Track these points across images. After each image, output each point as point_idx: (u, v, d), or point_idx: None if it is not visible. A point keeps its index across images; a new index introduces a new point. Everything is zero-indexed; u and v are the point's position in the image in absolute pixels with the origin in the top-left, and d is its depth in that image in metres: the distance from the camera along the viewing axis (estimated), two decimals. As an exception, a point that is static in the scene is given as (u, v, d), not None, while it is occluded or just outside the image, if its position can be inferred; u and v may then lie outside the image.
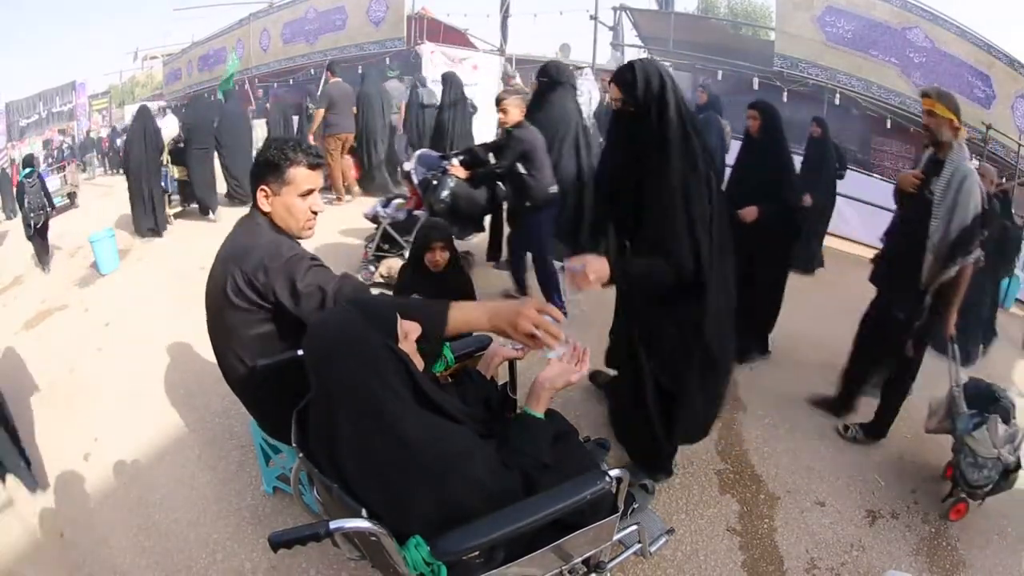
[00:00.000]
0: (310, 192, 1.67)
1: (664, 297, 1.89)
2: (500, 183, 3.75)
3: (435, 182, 3.62)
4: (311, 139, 6.02)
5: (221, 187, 6.53)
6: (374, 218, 4.10)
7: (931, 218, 2.36)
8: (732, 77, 8.41)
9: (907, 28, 6.82)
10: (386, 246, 4.05)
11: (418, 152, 4.28)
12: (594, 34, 8.12)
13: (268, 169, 1.63)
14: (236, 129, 6.48)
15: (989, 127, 6.46)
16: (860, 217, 6.67)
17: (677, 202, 1.76)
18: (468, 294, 2.59)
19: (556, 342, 1.31)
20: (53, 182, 8.56)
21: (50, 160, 12.58)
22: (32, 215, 5.54)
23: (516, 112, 3.33)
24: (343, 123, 6.08)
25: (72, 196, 8.53)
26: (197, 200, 6.02)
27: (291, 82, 12.01)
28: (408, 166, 4.06)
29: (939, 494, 2.40)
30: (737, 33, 11.03)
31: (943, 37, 6.72)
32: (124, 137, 6.76)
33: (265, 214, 1.67)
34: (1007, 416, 2.36)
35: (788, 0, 7.44)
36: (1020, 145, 6.61)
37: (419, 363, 1.26)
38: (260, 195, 1.65)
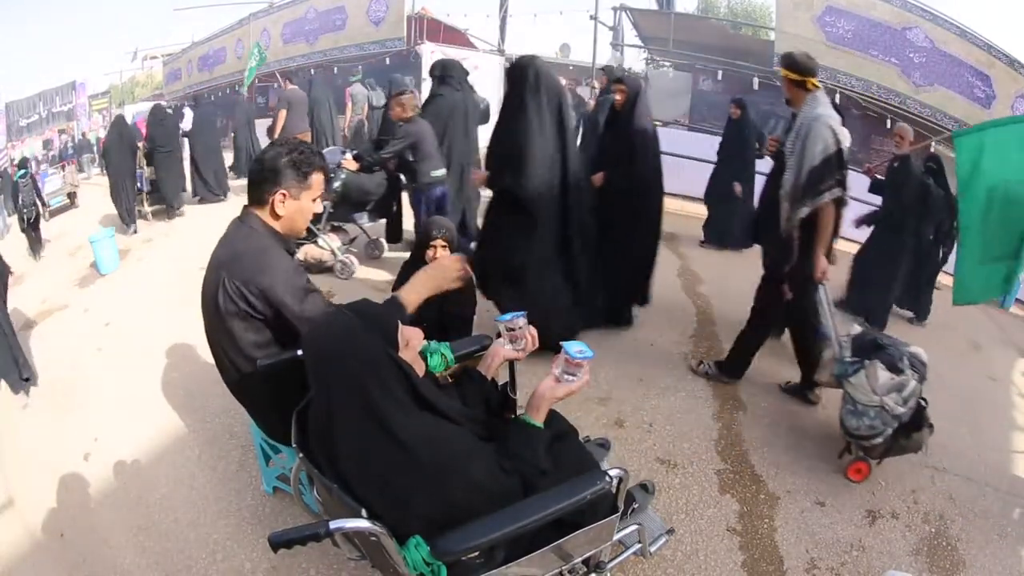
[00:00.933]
0: (319, 197, 1.72)
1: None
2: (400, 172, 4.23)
3: (331, 175, 3.91)
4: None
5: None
6: None
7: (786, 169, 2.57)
8: (732, 77, 8.41)
9: (907, 28, 6.82)
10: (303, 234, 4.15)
11: (325, 150, 4.82)
12: (594, 34, 8.11)
13: (292, 173, 1.63)
14: (208, 132, 7.11)
15: (989, 127, 6.46)
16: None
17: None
18: (468, 291, 2.58)
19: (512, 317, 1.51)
20: (54, 182, 8.57)
21: (50, 160, 12.61)
22: (25, 210, 6.20)
23: (407, 109, 3.87)
24: (298, 124, 6.75)
25: (72, 196, 8.52)
26: (163, 199, 6.51)
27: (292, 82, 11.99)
28: None
29: (939, 494, 2.41)
30: (737, 33, 11.03)
31: (943, 37, 6.72)
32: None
33: (261, 217, 1.65)
34: (892, 364, 2.34)
35: (788, 0, 7.43)
36: (1020, 145, 6.60)
37: (420, 368, 1.26)
38: (278, 198, 1.63)
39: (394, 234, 4.69)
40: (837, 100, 7.26)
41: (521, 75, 2.81)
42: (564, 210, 2.92)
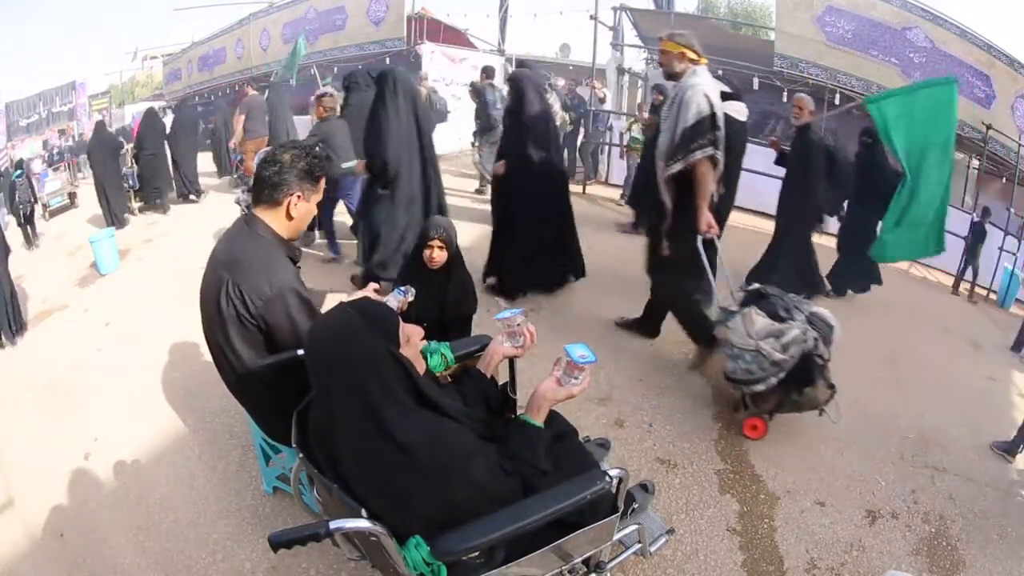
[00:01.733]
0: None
1: None
2: None
3: None
4: (233, 144, 7.47)
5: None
6: (238, 202, 4.99)
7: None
8: (732, 77, 8.40)
9: (907, 28, 6.82)
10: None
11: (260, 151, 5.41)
12: (594, 34, 8.08)
13: (307, 177, 1.68)
14: (189, 134, 7.62)
15: (989, 127, 6.46)
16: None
17: None
18: (468, 290, 2.58)
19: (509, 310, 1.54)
20: (54, 182, 8.60)
21: (49, 159, 12.63)
22: (21, 207, 6.84)
23: (325, 110, 4.37)
24: (258, 129, 7.19)
25: (72, 196, 8.54)
26: (145, 198, 7.06)
27: (292, 83, 11.99)
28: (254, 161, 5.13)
29: (939, 494, 2.41)
30: (737, 33, 11.03)
31: (943, 37, 6.72)
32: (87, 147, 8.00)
33: (289, 218, 1.68)
34: (773, 312, 2.45)
35: (788, 0, 7.43)
36: (1020, 145, 6.61)
37: (420, 366, 1.26)
38: (293, 200, 1.66)
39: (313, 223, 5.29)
40: (837, 100, 7.27)
41: (382, 82, 3.43)
42: (424, 181, 3.57)
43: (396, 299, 2.03)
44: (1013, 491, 2.49)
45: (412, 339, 1.25)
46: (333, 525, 1.07)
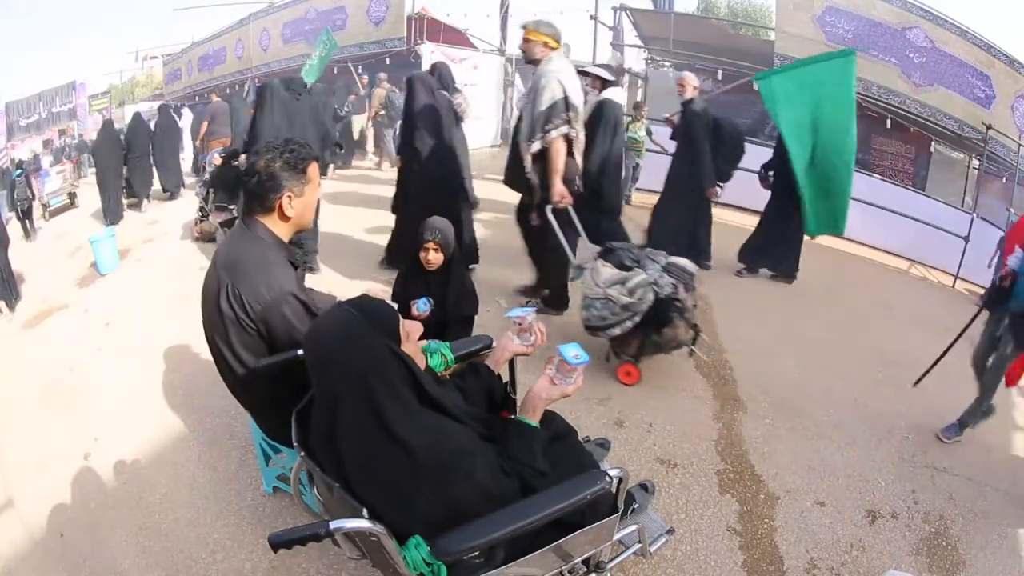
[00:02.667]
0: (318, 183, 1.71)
1: None
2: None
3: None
4: (197, 144, 8.51)
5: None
6: (197, 195, 5.50)
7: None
8: (732, 77, 8.41)
9: (907, 28, 6.81)
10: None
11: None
12: (594, 34, 8.11)
13: (290, 173, 1.61)
14: (171, 136, 8.22)
15: (989, 127, 6.46)
16: (860, 217, 6.67)
17: None
18: (468, 291, 2.58)
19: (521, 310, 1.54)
20: (54, 182, 8.61)
21: (54, 155, 12.69)
22: (19, 203, 7.52)
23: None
24: (221, 130, 8.13)
25: (72, 196, 8.55)
26: (135, 194, 7.56)
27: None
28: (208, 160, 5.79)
29: (939, 494, 2.41)
30: (737, 33, 11.03)
31: (943, 37, 6.72)
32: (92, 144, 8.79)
33: (285, 219, 1.65)
34: (620, 263, 2.74)
35: (788, 0, 7.43)
36: (1020, 145, 6.61)
37: (421, 362, 1.26)
38: (284, 201, 1.62)
39: None
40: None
41: (262, 93, 4.00)
42: None
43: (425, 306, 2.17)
44: (1013, 491, 2.49)
45: (412, 335, 1.24)
46: (333, 525, 1.07)
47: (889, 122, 7.28)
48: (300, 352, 1.54)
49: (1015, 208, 6.89)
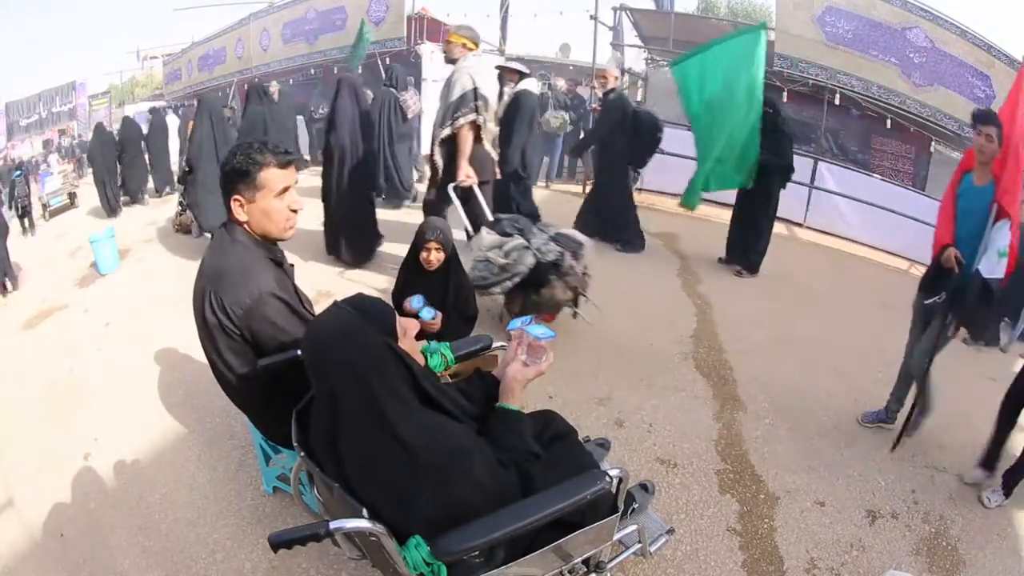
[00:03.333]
0: (286, 190, 1.60)
1: None
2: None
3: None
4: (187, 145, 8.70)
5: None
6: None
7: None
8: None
9: (907, 28, 6.81)
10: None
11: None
12: (594, 34, 8.07)
13: (237, 177, 1.55)
14: (162, 137, 8.41)
15: (989, 127, 6.44)
16: (860, 217, 6.68)
17: None
18: (467, 290, 2.58)
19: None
20: (54, 182, 8.64)
21: (59, 152, 12.73)
22: (18, 201, 7.94)
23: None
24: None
25: (72, 196, 8.56)
26: (129, 193, 7.92)
27: (291, 82, 11.99)
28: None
29: (939, 494, 2.41)
30: (737, 33, 11.00)
31: (943, 37, 6.71)
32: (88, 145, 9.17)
33: (241, 223, 1.61)
34: (502, 231, 3.12)
35: (788, 0, 7.42)
36: (1020, 145, 6.59)
37: (419, 359, 1.26)
38: (234, 205, 1.57)
39: None
40: (837, 100, 7.27)
41: (199, 105, 4.64)
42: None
43: (429, 313, 2.22)
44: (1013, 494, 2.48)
45: (408, 332, 1.24)
46: (333, 525, 1.07)
47: (889, 122, 7.27)
48: (299, 352, 1.54)
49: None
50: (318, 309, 1.83)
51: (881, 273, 5.98)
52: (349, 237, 4.36)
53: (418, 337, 1.31)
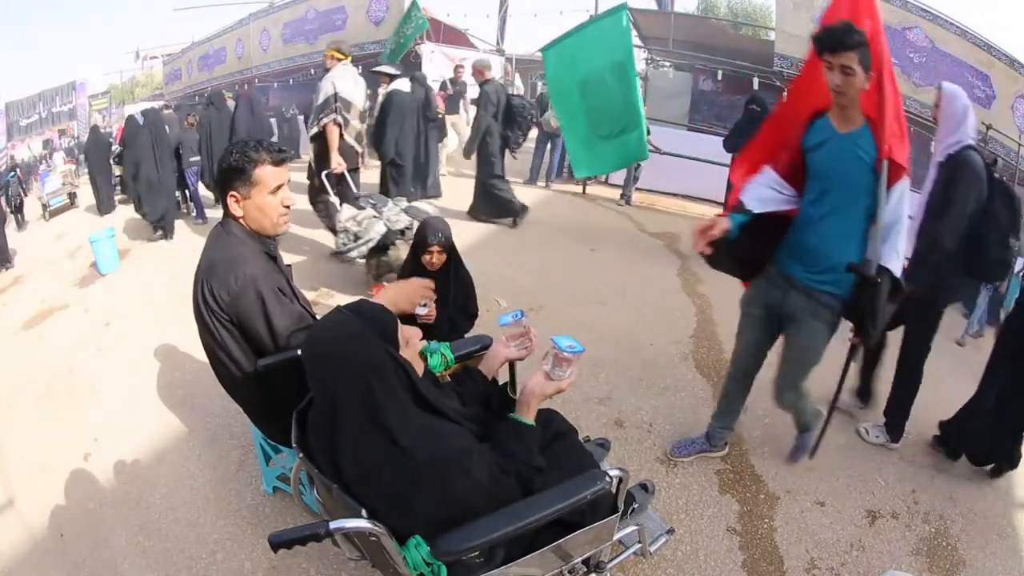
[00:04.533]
0: (279, 187, 1.65)
1: None
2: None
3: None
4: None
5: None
6: None
7: None
8: (732, 77, 8.41)
9: (907, 28, 6.82)
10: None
11: None
12: (594, 34, 8.10)
13: (234, 175, 1.60)
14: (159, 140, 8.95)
15: (989, 127, 6.46)
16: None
17: None
18: (469, 292, 2.58)
19: (509, 313, 1.53)
20: (54, 182, 8.67)
21: (64, 149, 12.78)
22: (12, 199, 8.64)
23: (187, 124, 6.53)
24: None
25: (72, 196, 8.57)
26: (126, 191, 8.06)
27: (291, 82, 12.00)
28: None
29: (939, 494, 2.41)
30: (737, 33, 11.03)
31: (943, 37, 6.72)
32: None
33: (237, 218, 1.65)
34: (358, 207, 3.77)
35: (788, 0, 7.43)
36: (1020, 145, 6.61)
37: (419, 368, 1.26)
38: (231, 201, 1.62)
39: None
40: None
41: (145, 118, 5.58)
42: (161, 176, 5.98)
43: (422, 309, 2.13)
44: (1013, 491, 2.49)
45: (411, 341, 1.25)
46: (333, 525, 1.07)
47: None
48: (300, 352, 1.54)
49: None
50: (318, 309, 1.84)
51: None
52: None
53: (418, 326, 1.32)
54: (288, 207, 1.69)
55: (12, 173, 9.18)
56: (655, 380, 3.03)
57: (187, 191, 6.57)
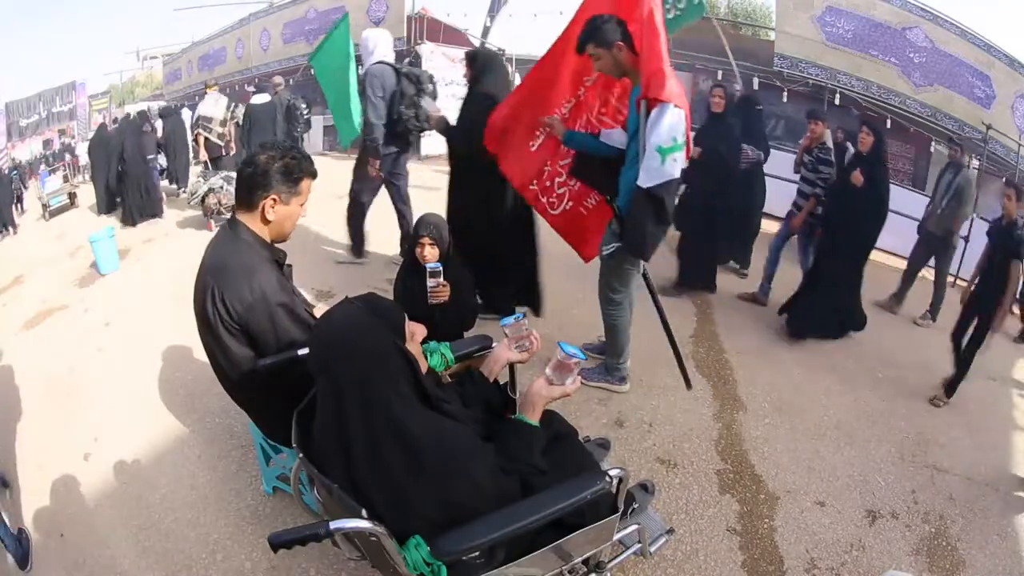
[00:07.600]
0: (305, 200, 1.71)
1: None
2: None
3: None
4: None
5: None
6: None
7: None
8: (732, 77, 8.39)
9: (907, 28, 6.81)
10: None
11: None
12: (594, 34, 8.10)
13: (283, 178, 1.61)
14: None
15: (989, 127, 6.46)
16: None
17: None
18: (466, 287, 2.58)
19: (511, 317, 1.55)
20: (53, 182, 8.63)
21: (49, 160, 12.74)
22: (14, 191, 9.07)
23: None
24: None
25: (72, 196, 8.55)
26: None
27: (290, 82, 11.98)
28: None
29: (939, 494, 2.41)
30: (737, 33, 11.02)
31: (943, 37, 6.71)
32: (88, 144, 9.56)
33: (247, 223, 1.64)
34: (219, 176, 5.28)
35: (788, 0, 7.43)
36: (1020, 145, 6.60)
37: (423, 364, 1.26)
38: (268, 203, 1.61)
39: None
40: (837, 100, 7.27)
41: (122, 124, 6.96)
42: (120, 181, 7.27)
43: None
44: (1013, 491, 2.49)
45: (416, 335, 1.25)
46: (333, 525, 1.07)
47: (889, 122, 7.28)
48: (300, 352, 1.54)
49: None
50: (317, 309, 1.84)
51: (881, 273, 5.98)
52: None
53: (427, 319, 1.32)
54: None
55: (15, 172, 9.91)
56: (655, 380, 3.03)
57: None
